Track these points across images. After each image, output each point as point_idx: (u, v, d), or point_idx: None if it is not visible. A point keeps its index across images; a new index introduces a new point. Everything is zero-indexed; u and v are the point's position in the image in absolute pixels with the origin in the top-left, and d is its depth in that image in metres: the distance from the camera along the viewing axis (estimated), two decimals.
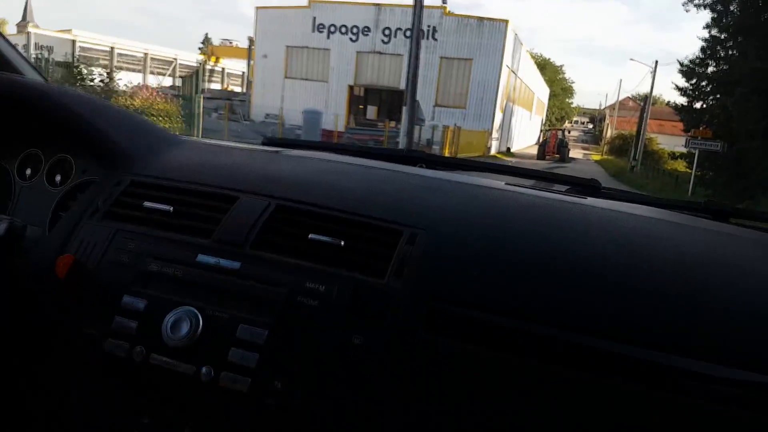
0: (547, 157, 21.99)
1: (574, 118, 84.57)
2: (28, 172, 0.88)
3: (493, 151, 20.91)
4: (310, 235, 0.66)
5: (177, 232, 0.70)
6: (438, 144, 15.40)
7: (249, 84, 24.22)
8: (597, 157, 32.80)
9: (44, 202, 0.85)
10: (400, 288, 0.61)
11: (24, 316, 0.68)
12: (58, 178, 0.86)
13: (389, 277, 0.63)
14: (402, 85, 21.84)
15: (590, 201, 0.83)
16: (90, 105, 0.85)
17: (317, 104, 20.89)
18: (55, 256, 0.68)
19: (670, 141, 31.58)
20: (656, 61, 22.62)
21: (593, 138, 56.13)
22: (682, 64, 13.39)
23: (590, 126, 76.57)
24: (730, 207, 0.91)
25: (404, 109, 11.14)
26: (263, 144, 1.12)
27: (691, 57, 13.21)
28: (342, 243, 0.65)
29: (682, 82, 13.64)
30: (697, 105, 13.69)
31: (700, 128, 12.66)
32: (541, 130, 27.66)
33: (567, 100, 58.53)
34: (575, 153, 34.49)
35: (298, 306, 0.62)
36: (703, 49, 12.81)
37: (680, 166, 25.21)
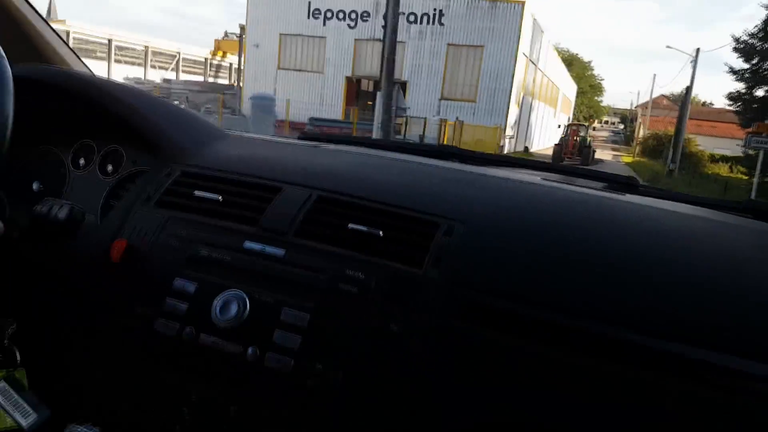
0: (567, 159, 18.40)
1: (604, 118, 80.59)
2: (82, 161, 0.91)
3: (506, 150, 18.37)
4: (349, 225, 0.68)
5: (225, 219, 0.72)
6: (432, 141, 13.02)
7: (240, 75, 22.30)
8: (628, 159, 29.74)
9: (96, 191, 0.87)
10: (438, 278, 0.62)
11: (80, 298, 0.71)
12: (109, 168, 0.88)
13: (427, 267, 0.63)
14: (405, 76, 19.89)
15: (628, 198, 0.82)
16: (142, 99, 0.88)
17: (312, 97, 18.84)
18: (109, 241, 0.71)
19: (708, 143, 28.47)
20: (698, 49, 19.50)
21: (624, 139, 52.58)
22: (738, 40, 10.62)
23: (621, 126, 72.92)
24: None
25: (378, 95, 8.78)
26: (299, 139, 1.15)
27: (751, 30, 10.40)
28: (381, 233, 0.66)
29: (738, 64, 10.85)
30: (760, 92, 10.86)
31: (766, 122, 9.87)
32: (560, 126, 24.39)
33: (596, 98, 54.85)
34: (604, 154, 31.63)
35: (339, 292, 0.63)
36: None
37: (723, 170, 22.24)
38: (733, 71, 10.90)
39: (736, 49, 10.66)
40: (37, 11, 1.02)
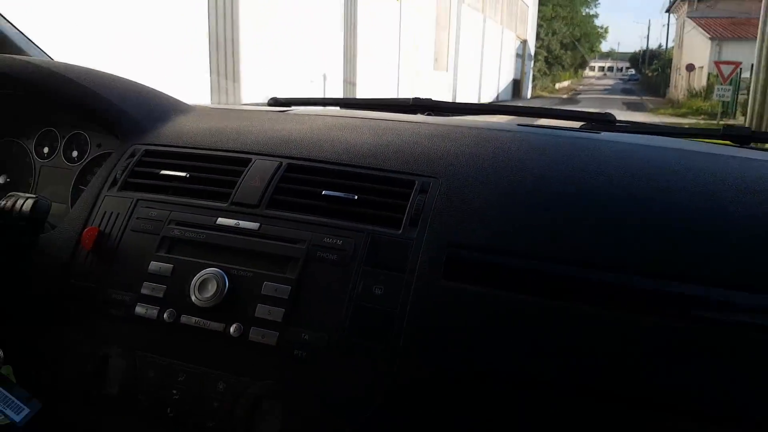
0: None
1: (607, 64, 58.76)
2: (46, 150, 0.92)
3: None
4: (323, 192, 0.69)
5: (195, 197, 0.73)
6: None
7: None
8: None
9: (64, 179, 0.88)
10: (416, 237, 0.64)
11: (56, 289, 0.72)
12: (74, 153, 0.89)
13: (404, 227, 0.65)
14: None
15: (605, 135, 0.84)
16: (94, 78, 0.87)
17: None
18: (80, 230, 0.73)
19: None
20: None
21: (646, 86, 31.57)
22: None
23: (631, 71, 51.58)
24: (750, 131, 0.90)
25: None
26: (269, 105, 1.15)
27: None
28: (355, 197, 0.68)
29: None
30: None
31: None
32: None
33: (583, 10, 31.30)
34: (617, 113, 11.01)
35: (318, 260, 0.65)
36: None
37: None
38: None
39: None
40: None
